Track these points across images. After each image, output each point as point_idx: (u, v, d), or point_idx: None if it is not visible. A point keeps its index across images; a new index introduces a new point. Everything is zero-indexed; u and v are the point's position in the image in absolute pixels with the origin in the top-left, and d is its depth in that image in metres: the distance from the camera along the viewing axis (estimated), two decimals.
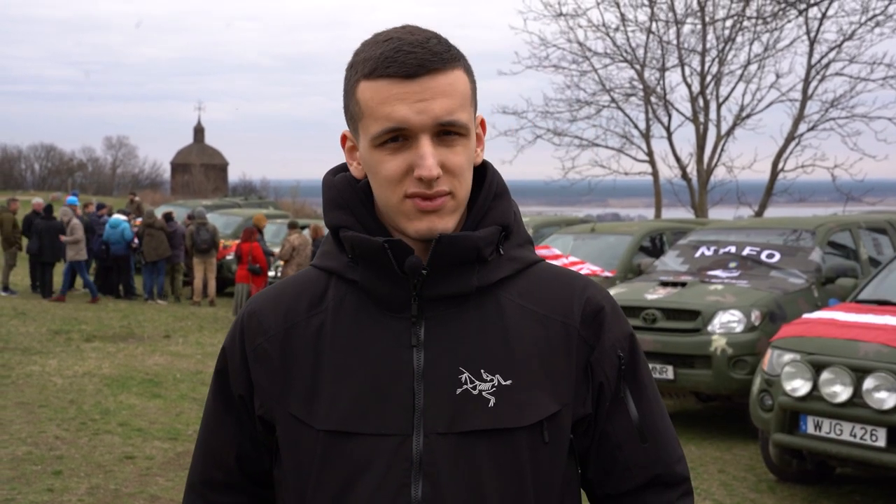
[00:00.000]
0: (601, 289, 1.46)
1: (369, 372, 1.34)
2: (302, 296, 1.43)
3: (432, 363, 1.33)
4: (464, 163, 1.33)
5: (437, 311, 1.36)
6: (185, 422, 8.07)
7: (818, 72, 18.50)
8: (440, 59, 1.31)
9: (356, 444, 1.32)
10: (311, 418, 1.35)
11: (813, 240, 8.73)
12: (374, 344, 1.35)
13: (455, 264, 1.35)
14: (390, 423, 1.32)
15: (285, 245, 15.07)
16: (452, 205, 1.34)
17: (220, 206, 26.49)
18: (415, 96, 1.29)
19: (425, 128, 1.30)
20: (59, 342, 12.25)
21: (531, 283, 1.41)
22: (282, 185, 60.64)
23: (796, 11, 18.17)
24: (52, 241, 17.13)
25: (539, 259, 1.46)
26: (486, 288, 1.37)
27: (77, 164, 75.05)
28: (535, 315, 1.38)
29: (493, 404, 1.32)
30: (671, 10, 19.43)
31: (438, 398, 1.32)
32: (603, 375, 1.39)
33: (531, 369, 1.35)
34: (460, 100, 1.32)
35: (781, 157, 18.89)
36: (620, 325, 1.43)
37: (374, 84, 1.31)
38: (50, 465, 6.60)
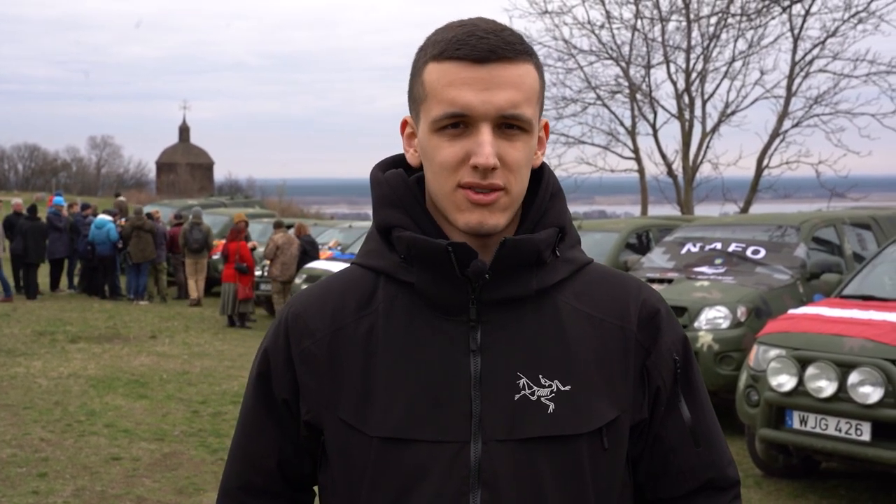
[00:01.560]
0: (654, 291, 1.43)
1: (425, 377, 1.30)
2: (348, 296, 1.38)
3: (490, 368, 1.30)
4: (522, 159, 1.29)
5: (495, 315, 1.32)
6: (171, 423, 8.03)
7: (802, 68, 18.57)
8: (512, 49, 1.27)
9: (412, 451, 1.28)
10: (363, 424, 1.30)
11: (798, 236, 8.77)
12: (429, 348, 1.31)
13: (515, 267, 1.32)
14: (447, 431, 1.28)
15: (269, 244, 15.04)
16: (506, 201, 1.29)
17: (206, 206, 26.38)
18: (482, 83, 1.25)
19: (488, 116, 1.26)
20: (43, 343, 12.18)
21: (586, 284, 1.38)
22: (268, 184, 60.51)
23: (780, 8, 18.23)
24: (36, 241, 17.04)
25: (590, 260, 1.43)
26: (544, 291, 1.34)
27: (61, 163, 74.64)
28: (592, 318, 1.35)
29: (552, 410, 1.29)
30: (656, 7, 19.47)
31: (496, 404, 1.28)
32: (660, 379, 1.37)
33: (589, 374, 1.32)
34: (527, 94, 1.28)
35: (766, 154, 18.95)
36: (675, 328, 1.41)
37: (443, 66, 1.28)
38: (35, 467, 6.56)
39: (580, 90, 20.51)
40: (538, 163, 1.39)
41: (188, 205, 26.69)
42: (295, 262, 14.88)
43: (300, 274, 14.58)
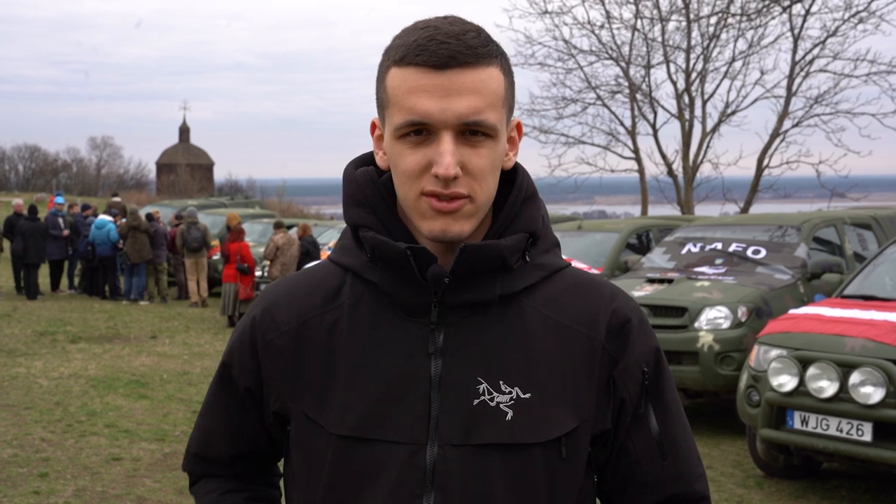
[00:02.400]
0: (629, 299, 1.40)
1: (385, 377, 1.30)
2: (317, 290, 1.39)
3: (450, 371, 1.29)
4: (486, 166, 1.27)
5: (458, 319, 1.31)
6: (172, 423, 8.03)
7: (802, 68, 18.56)
8: (474, 53, 1.24)
9: (369, 450, 1.29)
10: (323, 420, 1.32)
11: (798, 236, 8.77)
12: (390, 348, 1.31)
13: (479, 272, 1.30)
14: (404, 431, 1.28)
15: (269, 245, 15.05)
16: (470, 208, 1.28)
17: (206, 206, 26.39)
18: (441, 90, 1.23)
19: (447, 124, 1.24)
20: (44, 343, 12.18)
21: (556, 290, 1.36)
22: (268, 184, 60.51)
23: (780, 8, 18.23)
24: (36, 242, 17.05)
25: (566, 264, 1.40)
26: (511, 296, 1.33)
27: (61, 164, 74.64)
28: (559, 325, 1.33)
29: (510, 417, 1.28)
30: (656, 7, 19.47)
31: (454, 408, 1.28)
32: (626, 391, 1.35)
33: (552, 383, 1.30)
34: (490, 99, 1.26)
35: (766, 154, 18.95)
36: (646, 339, 1.37)
37: (403, 72, 1.26)
38: (36, 467, 6.56)
39: (580, 90, 20.52)
40: (510, 165, 1.36)
41: (188, 205, 26.71)
42: (295, 262, 14.89)
43: None
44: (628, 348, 1.35)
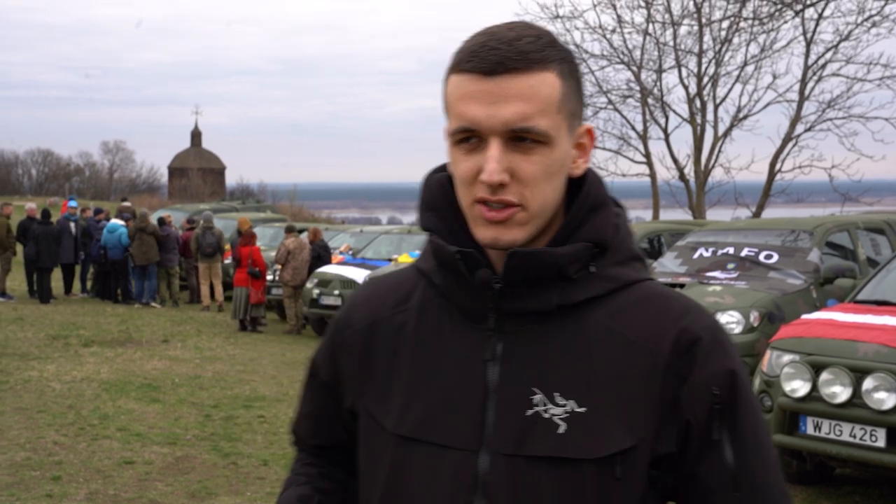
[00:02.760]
0: (705, 317, 1.30)
1: (443, 381, 1.31)
2: (392, 292, 1.42)
3: (506, 380, 1.28)
4: (538, 173, 1.24)
5: (517, 326, 1.30)
6: (183, 426, 8.05)
7: (815, 72, 18.52)
8: (524, 58, 1.23)
9: (424, 452, 1.30)
10: (384, 419, 1.35)
11: (811, 240, 8.74)
12: (451, 352, 1.32)
13: (534, 280, 1.28)
14: (458, 437, 1.28)
15: (281, 249, 15.08)
16: (523, 217, 1.25)
17: (217, 210, 26.46)
18: (489, 96, 1.23)
19: (494, 131, 1.23)
20: (57, 347, 12.23)
21: (626, 304, 1.30)
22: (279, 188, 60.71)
23: (792, 12, 18.19)
24: (49, 246, 17.13)
25: (643, 278, 1.33)
26: (573, 307, 1.29)
27: (74, 168, 75.08)
28: (623, 339, 1.27)
29: (562, 430, 1.24)
30: (668, 11, 19.46)
31: (508, 417, 1.26)
32: (691, 413, 1.25)
33: (609, 398, 1.25)
34: (540, 105, 1.23)
35: (779, 158, 18.90)
36: (720, 359, 1.27)
37: (457, 78, 1.26)
38: (49, 470, 6.58)
39: (591, 94, 20.51)
40: (578, 172, 1.32)
41: (200, 209, 26.78)
42: (306, 266, 14.92)
43: (311, 278, 14.61)
44: (696, 368, 1.26)
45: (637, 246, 1.37)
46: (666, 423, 1.26)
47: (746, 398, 1.29)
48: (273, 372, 11.17)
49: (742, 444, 1.27)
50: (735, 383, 1.27)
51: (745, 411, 1.28)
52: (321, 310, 14.39)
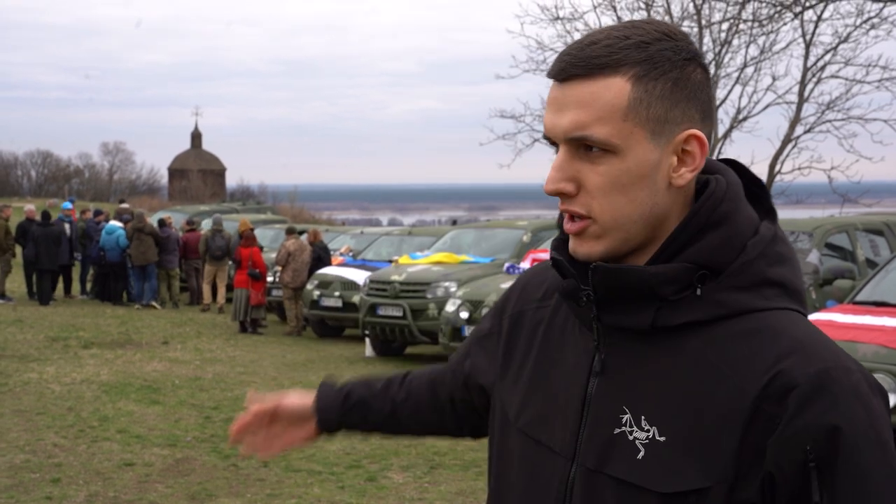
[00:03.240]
0: (816, 361, 1.13)
1: (556, 384, 1.32)
2: (543, 284, 1.42)
3: (602, 394, 1.26)
4: (605, 184, 1.19)
5: (618, 341, 1.25)
6: (183, 428, 8.06)
7: (814, 74, 18.51)
8: (588, 64, 1.18)
9: (532, 449, 1.32)
10: (509, 408, 1.38)
11: (810, 241, 8.75)
12: (568, 357, 1.32)
13: (629, 296, 1.22)
14: (559, 442, 1.28)
15: (281, 251, 15.10)
16: (596, 230, 1.21)
17: (217, 212, 26.48)
18: (555, 104, 1.21)
19: (559, 139, 1.21)
20: (56, 349, 12.24)
21: (733, 333, 1.18)
22: (280, 189, 60.76)
23: (792, 14, 18.20)
24: (48, 247, 17.13)
25: (771, 307, 1.19)
26: (672, 329, 1.20)
27: (74, 170, 75.07)
28: (715, 371, 1.17)
29: (641, 456, 1.19)
30: (667, 13, 19.46)
31: (598, 432, 1.24)
32: (775, 465, 1.12)
33: (689, 432, 1.17)
34: (600, 112, 1.17)
35: (778, 160, 18.90)
36: (819, 412, 1.11)
37: None
38: (48, 472, 6.59)
39: None
40: (680, 182, 1.21)
41: (200, 211, 26.79)
42: (306, 268, 14.92)
43: (312, 280, 14.62)
44: (788, 417, 1.12)
45: (779, 269, 1.22)
46: (747, 469, 1.15)
47: (856, 462, 1.11)
48: (273, 373, 11.17)
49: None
50: (836, 442, 1.10)
51: (849, 477, 1.11)
52: (322, 311, 14.40)
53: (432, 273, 12.56)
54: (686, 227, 1.21)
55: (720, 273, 1.20)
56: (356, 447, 7.52)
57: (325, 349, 13.62)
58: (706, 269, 1.20)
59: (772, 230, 1.24)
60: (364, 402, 1.69)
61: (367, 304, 12.68)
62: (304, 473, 6.75)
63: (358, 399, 1.70)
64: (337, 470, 6.88)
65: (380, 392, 1.69)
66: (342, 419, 1.70)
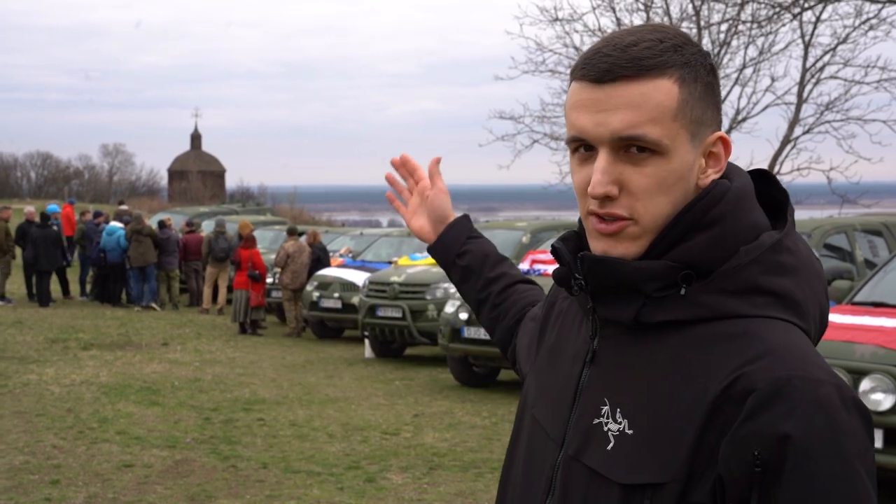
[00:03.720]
0: (782, 368, 1.12)
1: (560, 372, 1.37)
2: (567, 277, 1.43)
3: (591, 384, 1.29)
4: (651, 185, 1.19)
5: (610, 333, 1.29)
6: (183, 429, 8.06)
7: (813, 75, 18.52)
8: (636, 65, 1.18)
9: (536, 433, 1.37)
10: (528, 393, 1.44)
11: (808, 242, 8.75)
12: (572, 346, 1.37)
13: (616, 290, 1.24)
14: (553, 428, 1.33)
15: (280, 252, 15.10)
16: (635, 231, 1.21)
17: (217, 213, 26.48)
18: (597, 105, 1.19)
19: (602, 140, 1.19)
20: (56, 350, 12.25)
21: (711, 336, 1.19)
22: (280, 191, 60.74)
23: (790, 15, 18.21)
24: (47, 249, 17.13)
25: (757, 314, 1.18)
26: (654, 325, 1.23)
27: (73, 171, 75.04)
28: (686, 371, 1.19)
29: (610, 448, 1.23)
30: (666, 14, 19.47)
31: (581, 421, 1.28)
32: (725, 468, 1.12)
33: (655, 428, 1.19)
34: (652, 112, 1.18)
35: (777, 160, 18.90)
36: (775, 418, 1.10)
37: (573, 85, 1.25)
38: (47, 474, 6.59)
39: None
40: (705, 182, 1.24)
41: (200, 212, 26.78)
42: (305, 270, 14.93)
43: (311, 281, 14.63)
44: (741, 421, 1.12)
45: (774, 279, 1.21)
46: (701, 470, 1.15)
47: (806, 470, 1.09)
48: (273, 375, 11.18)
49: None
50: (785, 450, 1.09)
51: (796, 486, 1.09)
52: (321, 312, 14.40)
53: (431, 274, 12.56)
54: (676, 225, 1.22)
55: (709, 275, 1.20)
56: (356, 448, 7.53)
57: (325, 350, 13.62)
58: (693, 270, 1.20)
59: (774, 238, 1.23)
60: (469, 272, 1.84)
61: (367, 305, 12.69)
62: (303, 474, 6.75)
63: (467, 265, 1.84)
64: (336, 471, 6.88)
65: (486, 279, 1.83)
66: (447, 265, 1.87)
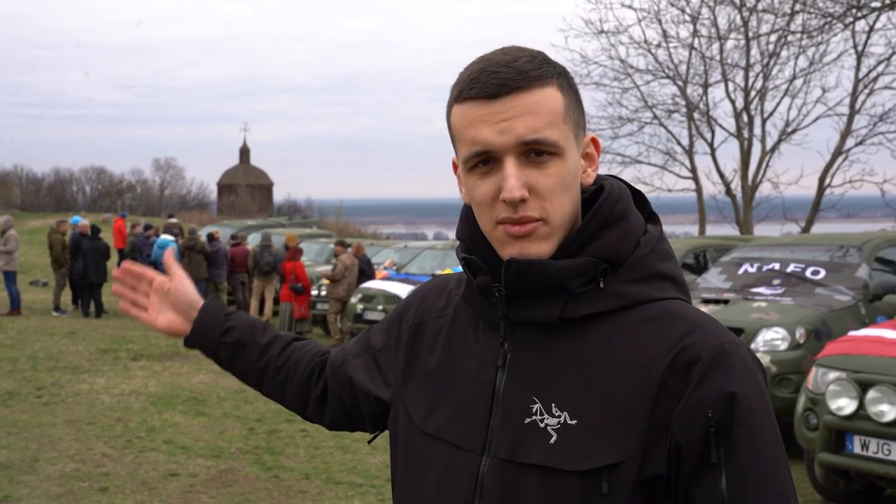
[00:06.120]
0: (714, 336, 1.25)
1: (462, 384, 1.37)
2: (442, 294, 1.51)
3: (511, 387, 1.32)
4: (555, 185, 1.27)
5: (525, 336, 1.33)
6: (228, 440, 8.14)
7: (866, 85, 18.22)
8: (525, 77, 1.26)
9: (441, 450, 1.36)
10: (414, 414, 1.42)
11: (860, 256, 8.59)
12: (471, 358, 1.38)
13: (538, 291, 1.30)
14: (467, 438, 1.33)
15: (338, 265, 15.12)
16: (546, 230, 1.29)
17: (264, 226, 26.77)
18: (497, 116, 1.26)
19: (508, 148, 1.26)
20: (107, 361, 12.45)
21: (635, 321, 1.28)
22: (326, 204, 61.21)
23: (842, 25, 17.94)
24: (96, 261, 17.39)
25: (665, 297, 1.31)
26: (578, 320, 1.30)
27: (126, 185, 76.46)
28: (622, 355, 1.26)
29: (553, 441, 1.26)
30: (714, 25, 19.31)
31: (508, 423, 1.30)
32: (681, 435, 1.21)
33: (601, 413, 1.25)
34: (548, 118, 1.27)
35: (828, 173, 18.61)
36: (719, 381, 1.21)
37: (462, 107, 1.30)
38: (97, 481, 6.70)
39: (636, 109, 20.42)
40: (588, 181, 1.36)
41: (247, 225, 27.11)
42: (356, 282, 15.04)
43: (356, 293, 14.71)
44: (690, 388, 1.22)
45: (667, 265, 1.35)
46: (655, 442, 1.23)
47: (749, 423, 1.22)
48: None
49: (738, 473, 1.21)
50: (733, 407, 1.21)
51: (745, 437, 1.21)
52: (365, 325, 14.47)
53: None
54: (589, 223, 1.32)
55: (618, 267, 1.31)
56: None
57: None
58: (607, 264, 1.30)
59: (658, 229, 1.37)
60: (241, 346, 1.74)
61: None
62: (344, 486, 6.78)
63: (237, 339, 1.74)
64: (378, 483, 6.90)
65: (261, 346, 1.75)
66: (211, 347, 1.75)
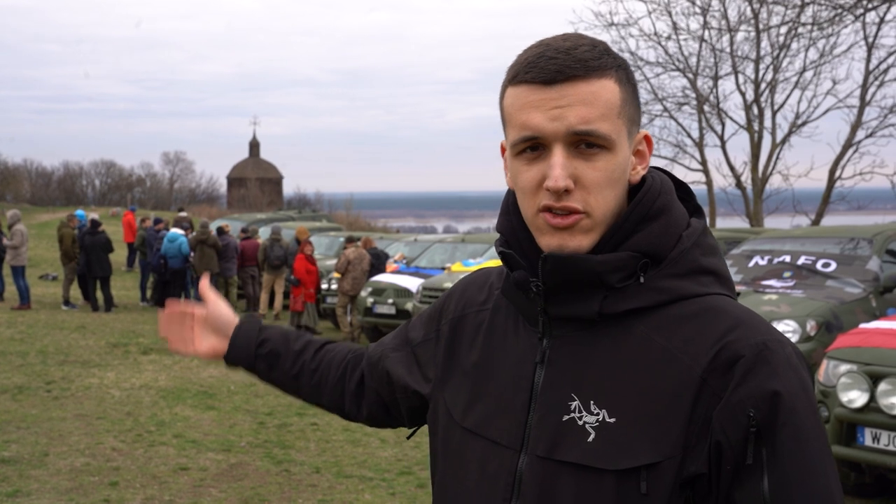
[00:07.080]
0: (757, 333, 1.23)
1: (501, 380, 1.36)
2: (484, 287, 1.49)
3: (549, 384, 1.30)
4: (602, 179, 1.25)
5: (564, 331, 1.31)
6: (238, 433, 8.16)
7: (877, 77, 18.11)
8: (583, 66, 1.25)
9: (479, 446, 1.36)
10: (454, 409, 1.42)
11: (871, 248, 8.55)
12: (510, 353, 1.37)
13: (576, 286, 1.28)
14: (506, 435, 1.32)
15: (341, 258, 15.19)
16: (587, 224, 1.26)
17: (274, 220, 26.81)
18: (551, 103, 1.24)
19: (558, 136, 1.24)
20: (117, 355, 12.49)
21: (677, 317, 1.26)
22: (336, 197, 61.29)
23: (853, 17, 17.83)
24: (98, 255, 17.38)
25: (707, 292, 1.28)
26: (618, 316, 1.28)
27: (136, 179, 76.69)
28: (663, 352, 1.24)
29: (591, 439, 1.24)
30: (724, 17, 19.22)
31: (546, 420, 1.29)
32: (722, 434, 1.19)
33: (639, 411, 1.23)
34: (602, 109, 1.25)
35: (839, 165, 18.52)
36: (762, 379, 1.19)
37: (516, 90, 1.29)
38: (107, 476, 6.73)
39: (646, 102, 20.33)
40: (636, 178, 1.33)
41: (257, 219, 27.15)
42: (365, 276, 15.03)
43: (365, 287, 14.71)
44: (733, 387, 1.19)
45: (711, 259, 1.32)
46: (695, 441, 1.21)
47: (794, 423, 1.19)
48: None
49: (781, 475, 1.18)
50: (777, 406, 1.18)
51: (788, 437, 1.18)
52: (375, 318, 14.47)
53: None
54: (629, 217, 1.29)
55: (660, 262, 1.29)
56: (408, 454, 7.54)
57: None
58: (648, 258, 1.28)
59: (702, 223, 1.35)
60: (276, 355, 1.74)
61: (420, 311, 12.70)
62: (355, 479, 6.79)
63: (271, 350, 1.74)
64: (388, 476, 6.90)
65: (294, 352, 1.74)
66: (249, 361, 1.75)
